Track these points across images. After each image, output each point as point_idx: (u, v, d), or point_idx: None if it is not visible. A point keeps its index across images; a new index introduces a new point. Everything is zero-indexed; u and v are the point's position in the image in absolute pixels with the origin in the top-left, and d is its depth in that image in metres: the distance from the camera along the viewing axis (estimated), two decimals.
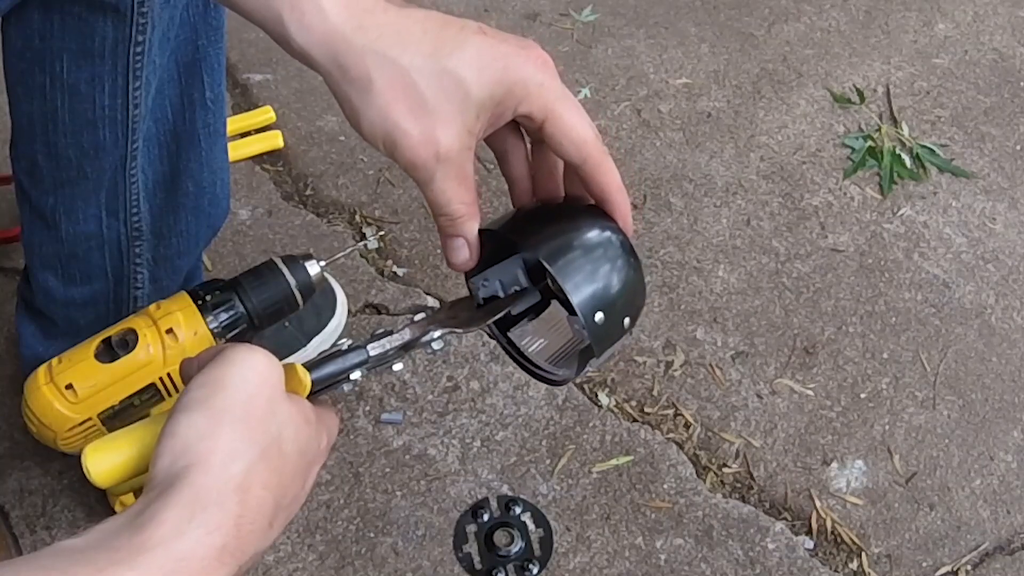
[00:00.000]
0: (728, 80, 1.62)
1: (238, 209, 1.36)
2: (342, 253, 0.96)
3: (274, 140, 1.46)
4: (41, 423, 0.82)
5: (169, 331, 0.83)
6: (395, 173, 1.43)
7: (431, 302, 1.28)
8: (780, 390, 1.23)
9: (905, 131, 1.56)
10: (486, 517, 1.09)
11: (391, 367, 0.64)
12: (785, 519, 1.12)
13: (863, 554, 1.10)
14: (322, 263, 0.89)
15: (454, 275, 1.31)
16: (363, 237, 1.35)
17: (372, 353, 0.62)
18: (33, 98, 0.82)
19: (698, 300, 1.31)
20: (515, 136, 0.62)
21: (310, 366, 0.60)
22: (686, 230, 1.40)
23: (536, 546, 1.08)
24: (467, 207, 0.58)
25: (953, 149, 1.55)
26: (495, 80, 0.55)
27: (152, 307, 0.85)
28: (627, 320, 0.62)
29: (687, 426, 1.19)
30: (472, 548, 1.07)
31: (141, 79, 0.81)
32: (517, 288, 0.65)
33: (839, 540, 1.11)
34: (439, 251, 1.34)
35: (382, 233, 1.36)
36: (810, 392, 1.23)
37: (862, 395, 1.23)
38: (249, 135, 1.47)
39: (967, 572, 1.09)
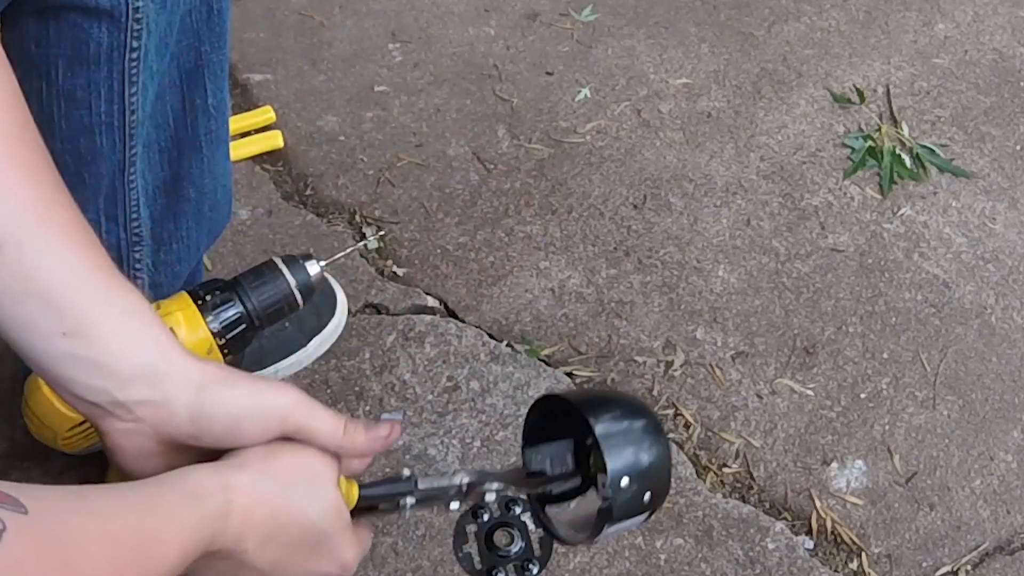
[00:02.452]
0: (728, 80, 1.62)
1: (238, 209, 1.36)
2: (342, 253, 0.96)
3: (274, 140, 1.46)
4: (41, 423, 0.82)
5: (169, 331, 0.83)
6: (395, 173, 1.43)
7: (431, 302, 1.28)
8: (780, 390, 1.23)
9: (905, 131, 1.56)
10: (486, 517, 1.09)
11: (448, 506, 0.70)
12: (785, 519, 1.12)
13: (863, 554, 1.10)
14: (322, 263, 0.89)
15: (454, 276, 1.31)
16: (363, 237, 1.35)
17: (421, 487, 0.66)
18: (30, 104, 0.81)
19: (698, 300, 1.31)
20: None
21: (363, 485, 0.65)
22: (686, 230, 1.40)
23: (536, 546, 1.08)
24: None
25: (953, 149, 1.55)
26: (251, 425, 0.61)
27: (152, 307, 0.85)
28: (648, 495, 0.66)
29: (687, 426, 1.19)
30: (472, 548, 1.07)
31: (137, 85, 0.81)
32: (564, 469, 0.72)
33: (839, 540, 1.11)
34: (439, 251, 1.34)
35: (382, 233, 1.36)
36: (810, 392, 1.23)
37: (862, 395, 1.23)
38: (249, 135, 1.47)
39: (967, 572, 1.09)
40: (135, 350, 0.57)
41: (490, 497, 0.69)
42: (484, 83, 1.58)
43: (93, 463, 1.09)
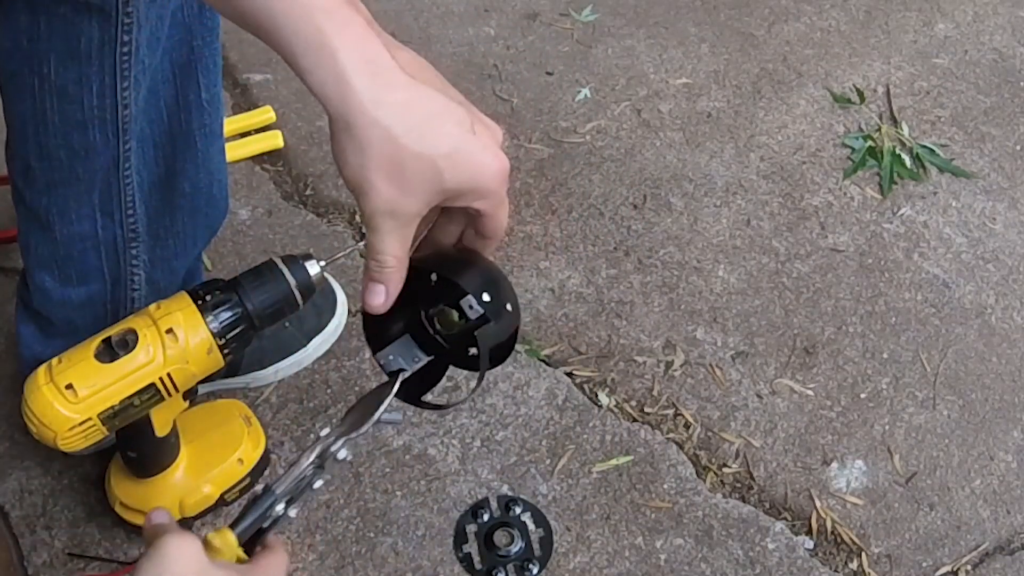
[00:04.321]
0: (728, 80, 1.62)
1: (238, 209, 1.36)
2: (342, 253, 0.96)
3: (274, 140, 1.46)
4: (41, 423, 0.82)
5: (169, 331, 0.83)
6: None
7: None
8: (780, 390, 1.23)
9: (905, 131, 1.56)
10: (486, 517, 1.09)
11: (312, 487, 0.73)
12: (785, 519, 1.12)
13: (863, 554, 1.10)
14: (322, 263, 0.89)
15: None
16: (363, 237, 1.34)
17: (279, 490, 0.71)
18: (23, 99, 0.82)
19: (698, 300, 1.31)
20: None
21: (233, 524, 0.70)
22: (686, 230, 1.40)
23: (536, 546, 1.08)
24: (397, 261, 0.67)
25: (953, 149, 1.55)
26: (464, 179, 0.65)
27: (152, 307, 0.85)
28: (509, 305, 0.73)
29: (687, 426, 1.19)
30: (472, 548, 1.07)
31: (129, 79, 0.81)
32: (417, 359, 0.80)
33: (839, 540, 1.11)
34: None
35: None
36: (810, 392, 1.23)
37: (862, 395, 1.23)
38: (249, 135, 1.47)
39: (967, 572, 1.09)
40: (301, 62, 0.58)
41: (343, 455, 0.74)
42: (484, 83, 1.58)
43: (93, 463, 1.09)
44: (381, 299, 0.68)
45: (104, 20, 0.76)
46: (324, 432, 0.74)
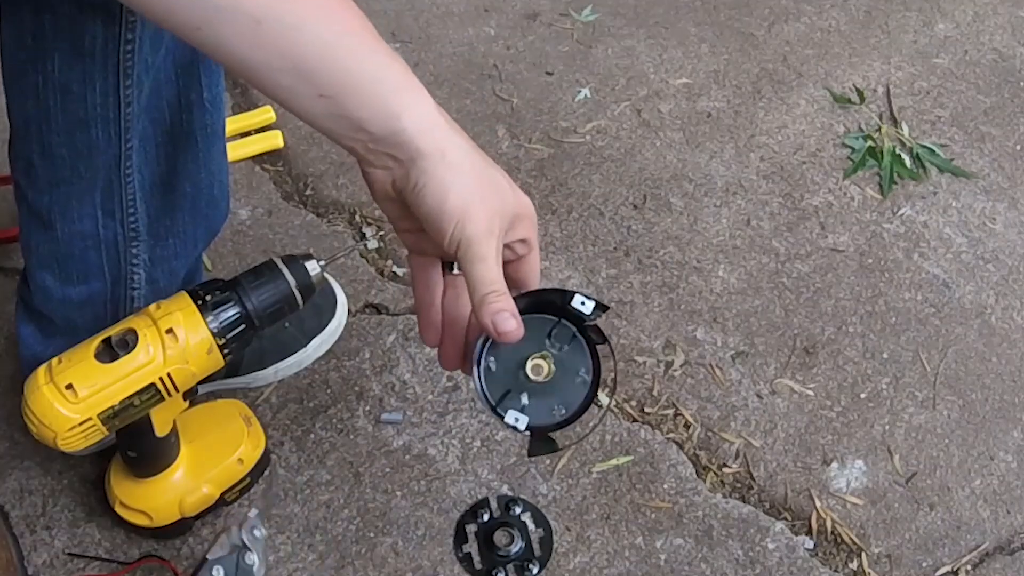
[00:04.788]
0: (728, 80, 1.62)
1: (238, 209, 1.36)
2: (342, 253, 0.96)
3: (274, 140, 1.46)
4: (41, 423, 0.82)
5: (169, 331, 0.83)
6: None
7: None
8: (780, 390, 1.23)
9: (905, 131, 1.56)
10: (486, 517, 1.09)
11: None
12: (785, 519, 1.12)
13: (863, 554, 1.10)
14: (322, 263, 0.89)
15: None
16: (363, 237, 1.35)
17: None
18: (27, 98, 0.82)
19: (698, 300, 1.31)
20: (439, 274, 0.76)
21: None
22: (686, 230, 1.40)
23: (536, 546, 1.08)
24: (503, 284, 0.67)
25: (953, 149, 1.55)
26: (522, 203, 0.70)
27: (152, 307, 0.85)
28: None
29: (687, 426, 1.19)
30: (472, 548, 1.07)
31: (132, 78, 0.81)
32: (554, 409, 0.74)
33: (839, 540, 1.11)
34: None
35: (382, 233, 1.36)
36: (810, 392, 1.23)
37: (862, 395, 1.23)
38: (249, 135, 1.47)
39: (967, 572, 1.09)
40: (381, 115, 0.63)
41: (259, 532, 0.79)
42: (484, 83, 1.58)
43: (93, 463, 1.09)
44: (514, 322, 0.67)
45: (108, 19, 0.76)
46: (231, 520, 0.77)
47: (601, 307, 0.73)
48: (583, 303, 0.72)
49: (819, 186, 1.47)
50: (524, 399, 0.73)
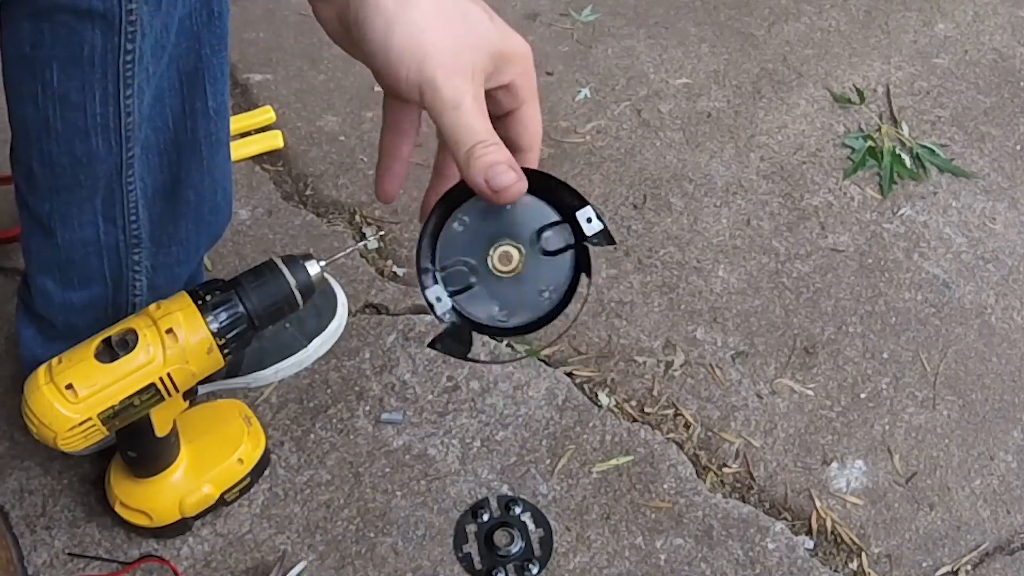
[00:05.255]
0: (728, 80, 1.62)
1: (238, 209, 1.36)
2: (342, 253, 0.96)
3: (274, 140, 1.46)
4: (41, 423, 0.82)
5: (169, 331, 0.83)
6: None
7: None
8: (780, 390, 1.23)
9: (905, 131, 1.56)
10: (486, 517, 1.09)
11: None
12: (785, 519, 1.12)
13: (863, 554, 1.10)
14: (322, 263, 0.89)
15: None
16: (363, 237, 1.35)
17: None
18: (26, 105, 0.81)
19: (698, 300, 1.31)
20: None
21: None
22: (686, 230, 1.40)
23: (536, 546, 1.08)
24: (494, 135, 0.55)
25: (953, 149, 1.55)
26: (503, 41, 0.57)
27: (152, 307, 0.85)
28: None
29: (687, 426, 1.19)
30: (472, 548, 1.07)
31: (133, 87, 0.81)
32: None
33: (839, 540, 1.11)
34: None
35: (382, 233, 1.36)
36: (810, 392, 1.23)
37: (862, 395, 1.23)
38: (249, 135, 1.47)
39: (967, 572, 1.09)
40: None
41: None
42: None
43: (93, 463, 1.09)
44: (512, 175, 0.55)
45: (107, 28, 0.76)
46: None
47: (608, 238, 0.59)
48: (589, 220, 0.59)
49: (819, 186, 1.47)
50: (471, 281, 0.61)
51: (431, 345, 0.62)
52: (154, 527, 1.01)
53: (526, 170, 0.57)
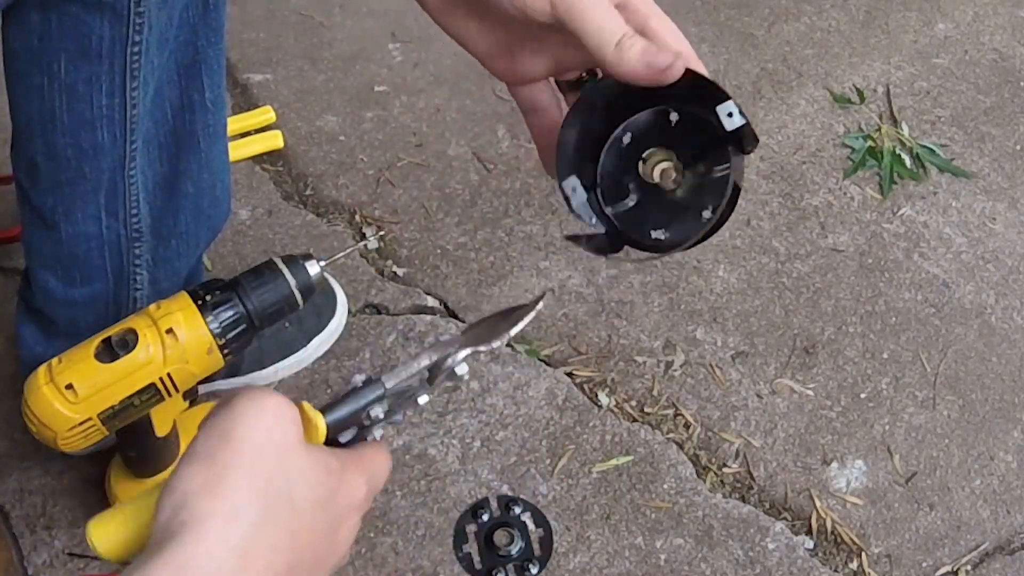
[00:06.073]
0: (728, 80, 1.62)
1: (238, 209, 1.36)
2: (342, 253, 0.96)
3: (274, 140, 1.46)
4: (41, 423, 0.82)
5: (169, 331, 0.83)
6: (395, 173, 1.43)
7: (431, 302, 1.28)
8: (780, 390, 1.23)
9: (905, 131, 1.56)
10: (486, 517, 1.09)
11: (416, 400, 0.60)
12: (785, 519, 1.12)
13: (863, 554, 1.10)
14: (322, 263, 0.89)
15: (454, 276, 1.31)
16: (363, 237, 1.35)
17: (388, 385, 0.58)
18: (32, 98, 0.82)
19: (698, 300, 1.31)
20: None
21: (324, 408, 0.56)
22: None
23: (536, 546, 1.08)
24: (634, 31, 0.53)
25: (953, 149, 1.55)
26: None
27: (152, 307, 0.85)
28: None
29: (687, 426, 1.19)
30: (472, 548, 1.07)
31: (139, 79, 0.81)
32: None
33: (839, 540, 1.11)
34: (439, 251, 1.34)
35: (382, 233, 1.36)
36: (810, 392, 1.23)
37: (862, 395, 1.23)
38: (249, 135, 1.47)
39: (967, 572, 1.09)
40: None
41: (461, 371, 0.60)
42: (484, 83, 1.58)
43: (93, 463, 1.09)
44: (670, 54, 0.53)
45: (115, 19, 0.76)
46: (445, 337, 0.61)
47: (751, 136, 0.55)
48: (731, 115, 0.56)
49: (819, 186, 1.47)
50: (631, 195, 0.58)
51: (587, 246, 0.59)
52: None
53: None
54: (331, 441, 0.55)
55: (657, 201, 0.58)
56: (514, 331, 0.62)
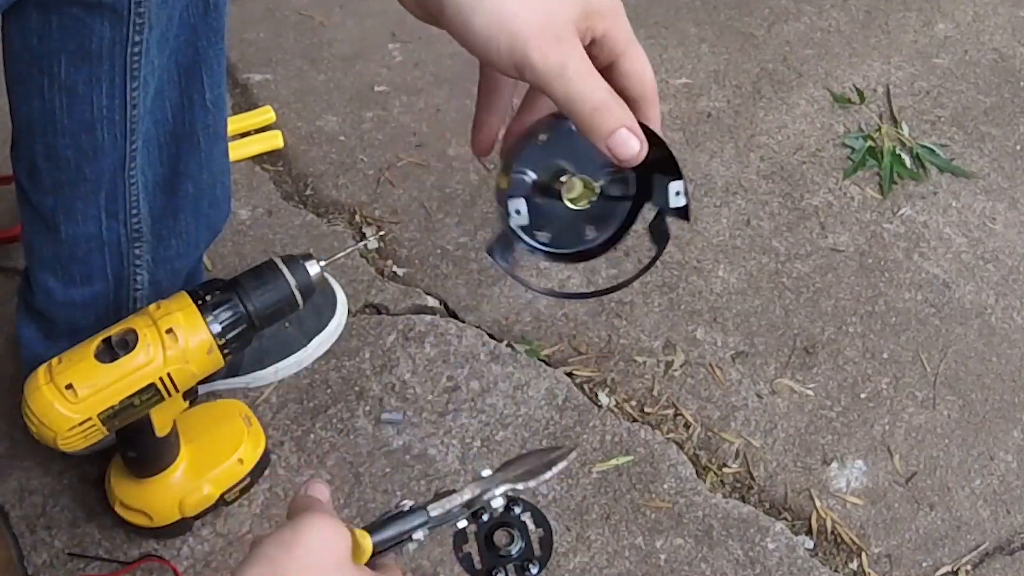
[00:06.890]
0: (728, 80, 1.62)
1: (238, 209, 1.36)
2: (342, 253, 0.96)
3: (274, 140, 1.46)
4: (41, 423, 0.82)
5: (169, 331, 0.83)
6: (395, 173, 1.43)
7: (431, 302, 1.28)
8: (780, 390, 1.23)
9: (905, 131, 1.56)
10: (486, 517, 1.09)
11: (455, 524, 0.67)
12: (785, 519, 1.12)
13: (863, 554, 1.10)
14: (322, 263, 0.89)
15: (454, 276, 1.31)
16: (363, 237, 1.35)
17: (433, 514, 0.65)
18: (32, 99, 0.82)
19: (698, 300, 1.31)
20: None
21: (371, 529, 0.64)
22: (686, 230, 1.40)
23: (536, 546, 1.08)
24: (612, 93, 0.53)
25: (953, 149, 1.55)
26: None
27: (152, 307, 0.85)
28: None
29: (687, 426, 1.19)
30: (472, 548, 1.07)
31: (139, 80, 0.81)
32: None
33: (839, 540, 1.11)
34: (439, 251, 1.34)
35: (382, 233, 1.36)
36: (810, 392, 1.23)
37: (862, 395, 1.23)
38: (249, 135, 1.47)
39: (967, 572, 1.09)
40: None
41: (497, 504, 0.68)
42: None
43: (93, 463, 1.09)
44: (635, 142, 0.53)
45: (116, 20, 0.76)
46: (486, 473, 0.69)
47: (685, 215, 0.58)
48: (678, 194, 0.57)
49: (819, 186, 1.47)
50: (537, 201, 0.60)
51: (489, 252, 0.60)
52: (154, 527, 1.01)
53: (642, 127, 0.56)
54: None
55: (552, 211, 0.60)
56: (549, 475, 0.73)
